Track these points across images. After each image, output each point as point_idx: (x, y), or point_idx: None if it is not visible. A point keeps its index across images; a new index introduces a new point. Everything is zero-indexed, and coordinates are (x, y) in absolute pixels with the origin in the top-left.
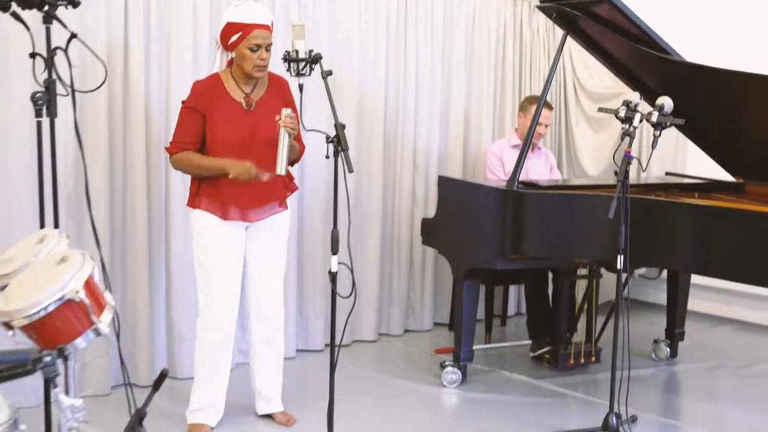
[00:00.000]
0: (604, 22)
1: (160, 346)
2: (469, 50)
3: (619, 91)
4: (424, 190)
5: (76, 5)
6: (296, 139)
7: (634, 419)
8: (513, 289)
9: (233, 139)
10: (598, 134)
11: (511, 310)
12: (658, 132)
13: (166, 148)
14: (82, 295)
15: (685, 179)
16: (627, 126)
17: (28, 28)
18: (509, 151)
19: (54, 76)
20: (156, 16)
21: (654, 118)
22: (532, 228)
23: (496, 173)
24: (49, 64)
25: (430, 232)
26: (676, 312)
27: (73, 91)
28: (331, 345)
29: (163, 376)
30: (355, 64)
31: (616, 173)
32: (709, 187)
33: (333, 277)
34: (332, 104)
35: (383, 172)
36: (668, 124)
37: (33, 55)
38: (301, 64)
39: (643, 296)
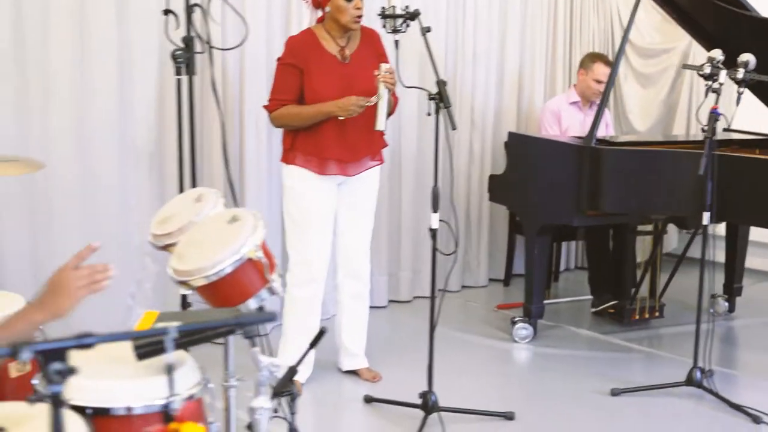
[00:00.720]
0: None
1: None
2: (524, 7)
3: (667, 47)
4: (480, 146)
5: None
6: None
7: (711, 373)
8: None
9: (333, 93)
10: (646, 90)
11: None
12: (742, 89)
13: (265, 106)
14: (260, 253)
15: (734, 134)
16: (711, 82)
17: None
18: (567, 107)
19: (192, 33)
20: None
21: (740, 75)
22: (611, 184)
23: (550, 130)
24: (188, 20)
25: (499, 188)
26: (734, 267)
27: (210, 48)
28: (431, 301)
29: (321, 334)
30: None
31: (704, 130)
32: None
33: (433, 233)
34: (432, 61)
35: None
36: (753, 80)
37: (166, 12)
38: (398, 21)
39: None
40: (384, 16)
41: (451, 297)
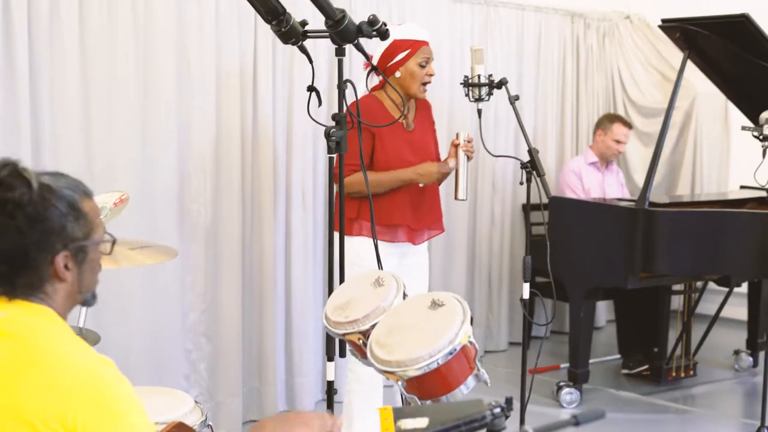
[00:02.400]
0: (732, 39)
1: (280, 381)
2: (536, 72)
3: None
4: (501, 209)
5: (385, 38)
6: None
7: None
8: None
9: (406, 160)
10: (648, 149)
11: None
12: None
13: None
14: (473, 338)
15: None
16: None
17: (311, 61)
18: (586, 168)
19: (344, 109)
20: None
21: None
22: (666, 246)
23: (575, 191)
24: (340, 96)
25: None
26: (758, 322)
27: (359, 122)
28: (522, 375)
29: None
30: (445, 85)
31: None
32: None
33: (524, 303)
34: (523, 129)
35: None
36: None
37: (311, 89)
38: (483, 90)
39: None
40: (468, 84)
41: None
